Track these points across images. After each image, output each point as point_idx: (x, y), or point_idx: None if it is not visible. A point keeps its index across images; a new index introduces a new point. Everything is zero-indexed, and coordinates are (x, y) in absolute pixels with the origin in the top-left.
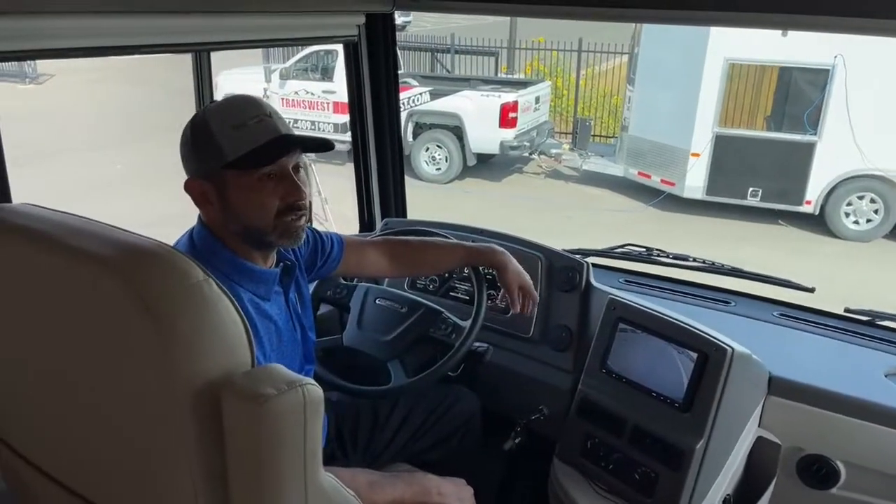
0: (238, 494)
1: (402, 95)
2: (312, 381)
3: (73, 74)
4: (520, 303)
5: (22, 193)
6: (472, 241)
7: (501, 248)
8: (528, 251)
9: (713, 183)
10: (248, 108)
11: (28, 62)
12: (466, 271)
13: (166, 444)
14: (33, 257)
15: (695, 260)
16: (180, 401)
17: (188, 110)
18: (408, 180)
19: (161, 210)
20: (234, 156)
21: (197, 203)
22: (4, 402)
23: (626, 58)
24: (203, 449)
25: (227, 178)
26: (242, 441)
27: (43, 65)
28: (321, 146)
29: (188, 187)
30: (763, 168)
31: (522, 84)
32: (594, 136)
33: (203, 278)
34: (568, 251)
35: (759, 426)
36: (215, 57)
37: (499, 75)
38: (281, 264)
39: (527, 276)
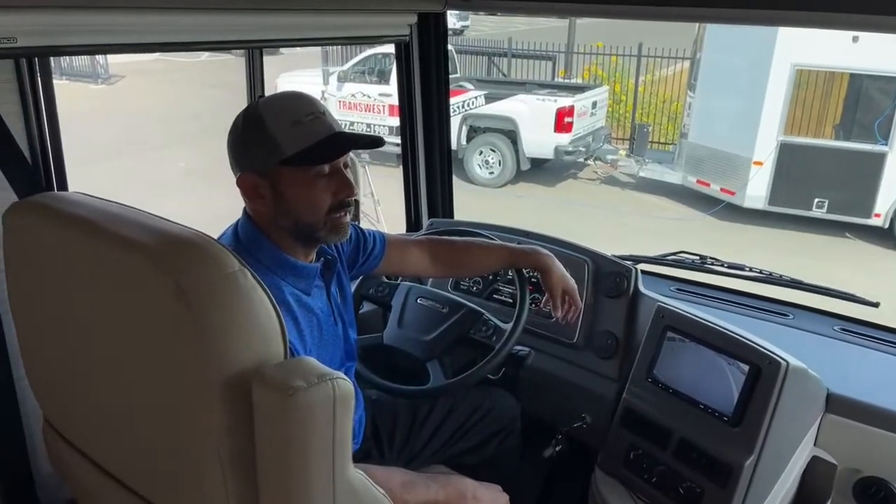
0: (266, 484)
1: (457, 99)
2: (343, 376)
3: (142, 76)
4: (563, 309)
5: (87, 189)
6: (518, 244)
7: (547, 251)
8: (574, 255)
9: (776, 192)
10: (303, 105)
11: (100, 64)
12: (511, 274)
13: (197, 431)
14: (79, 243)
15: (751, 269)
16: (212, 388)
17: None
18: (459, 184)
19: (215, 210)
20: (291, 152)
21: (247, 197)
22: (51, 386)
23: (687, 63)
24: (233, 437)
25: (282, 174)
26: (271, 432)
27: (114, 66)
28: (373, 143)
29: (241, 182)
30: (830, 178)
31: (579, 88)
32: (652, 142)
33: (239, 268)
34: (618, 257)
35: (814, 445)
36: (277, 59)
37: (555, 80)
38: (321, 259)
39: (572, 282)
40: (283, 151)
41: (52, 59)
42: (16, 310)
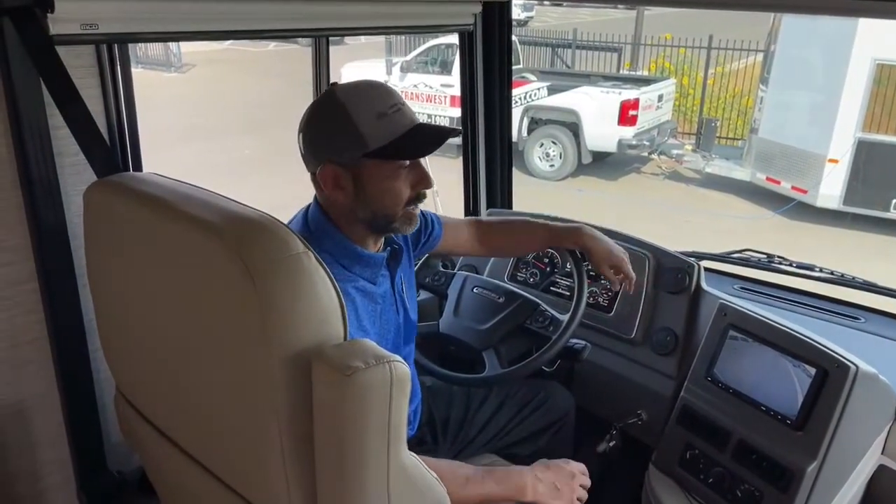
0: (322, 462)
1: (520, 90)
2: (400, 359)
3: (213, 65)
4: (617, 282)
5: (160, 171)
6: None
7: (590, 229)
8: (635, 249)
9: (852, 192)
10: (385, 97)
11: (174, 53)
12: (569, 266)
13: (259, 407)
14: (152, 221)
15: (821, 270)
16: (274, 366)
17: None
18: (519, 176)
19: (277, 197)
20: (377, 145)
21: (327, 188)
22: (124, 357)
23: (760, 56)
24: (293, 414)
25: (366, 167)
26: (329, 410)
27: (187, 56)
28: (452, 134)
29: (323, 174)
30: None
31: (645, 81)
32: (719, 137)
33: (303, 250)
34: (681, 253)
35: (882, 453)
36: (342, 49)
37: (621, 72)
38: (388, 248)
39: (619, 253)
40: (368, 144)
41: (129, 46)
42: (93, 283)
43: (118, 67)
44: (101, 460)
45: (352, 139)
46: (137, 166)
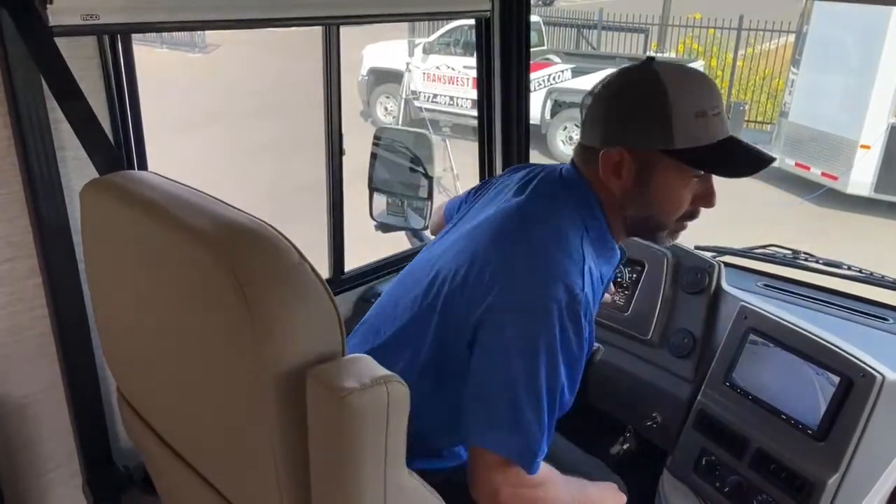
0: (318, 481)
1: (542, 73)
2: (399, 379)
3: (238, 45)
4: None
5: (176, 157)
6: None
7: None
8: (653, 246)
9: (884, 179)
10: (709, 95)
11: (197, 33)
12: None
13: (253, 426)
14: (144, 224)
15: (850, 268)
16: (266, 381)
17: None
18: (542, 159)
19: (299, 179)
20: (683, 146)
21: (605, 171)
22: (122, 359)
23: (791, 37)
24: (286, 431)
25: (660, 164)
26: (324, 430)
27: (210, 36)
28: (766, 164)
29: (607, 156)
30: None
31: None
32: (747, 121)
33: (298, 261)
34: (701, 248)
35: None
36: (362, 30)
37: (647, 53)
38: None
39: None
40: (674, 142)
41: None
42: (91, 283)
43: (121, 59)
44: (106, 455)
45: (660, 131)
46: (142, 160)
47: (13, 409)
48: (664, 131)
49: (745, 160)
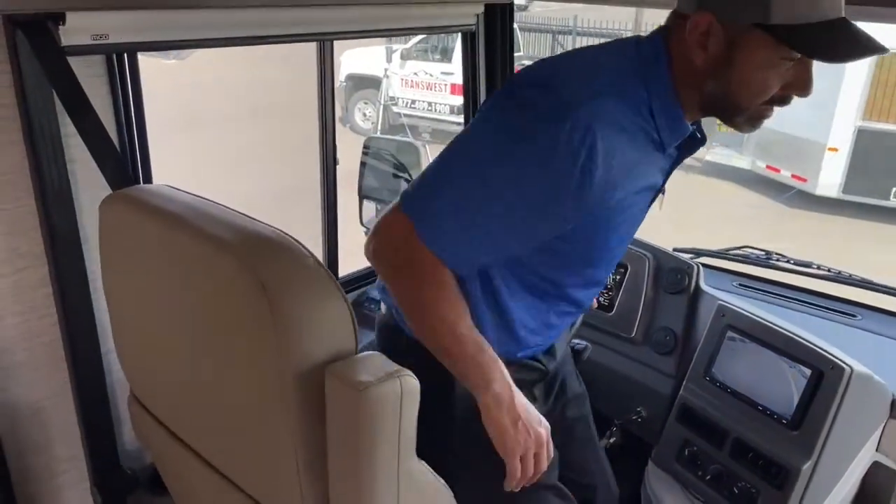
0: (336, 471)
1: None
2: (409, 373)
3: (213, 51)
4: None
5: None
6: None
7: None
8: (635, 249)
9: (852, 181)
10: None
11: None
12: None
13: (273, 420)
14: (165, 235)
15: (819, 268)
16: (288, 380)
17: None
18: None
19: (270, 186)
20: (781, 21)
21: (691, 38)
22: (138, 363)
23: None
24: (306, 424)
25: (750, 39)
26: (342, 423)
27: None
28: (879, 50)
29: (697, 21)
30: None
31: None
32: (720, 125)
33: (315, 265)
34: (680, 250)
35: (876, 450)
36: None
37: None
38: (689, 132)
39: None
40: (771, 15)
41: None
42: (109, 294)
43: (128, 76)
44: (114, 458)
45: (758, 1)
46: (147, 174)
47: (24, 413)
48: (763, 2)
49: (854, 42)
